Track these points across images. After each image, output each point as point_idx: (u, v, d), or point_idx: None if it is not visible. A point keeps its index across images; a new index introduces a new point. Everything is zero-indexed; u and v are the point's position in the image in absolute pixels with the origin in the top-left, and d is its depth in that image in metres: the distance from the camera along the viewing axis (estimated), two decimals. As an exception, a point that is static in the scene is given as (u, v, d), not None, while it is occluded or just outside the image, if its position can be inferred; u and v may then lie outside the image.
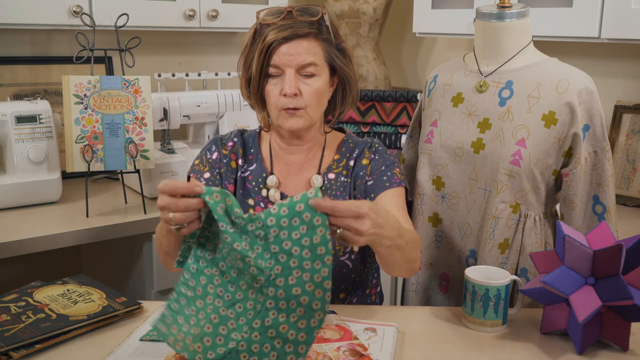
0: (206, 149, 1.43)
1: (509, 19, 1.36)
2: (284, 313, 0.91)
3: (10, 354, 1.09)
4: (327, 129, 1.41)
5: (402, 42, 2.92)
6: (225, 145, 1.42)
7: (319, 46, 1.29)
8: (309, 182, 1.38)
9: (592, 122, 1.33)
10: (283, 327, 0.91)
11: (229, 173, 1.40)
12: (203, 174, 1.39)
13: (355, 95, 1.39)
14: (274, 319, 0.91)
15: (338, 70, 1.33)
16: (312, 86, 1.28)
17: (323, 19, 1.30)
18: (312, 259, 0.90)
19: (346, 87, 1.37)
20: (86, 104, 1.78)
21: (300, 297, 0.90)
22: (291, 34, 1.26)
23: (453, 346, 1.17)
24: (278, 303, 0.91)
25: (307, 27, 1.27)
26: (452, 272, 1.47)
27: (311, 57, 1.27)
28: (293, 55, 1.26)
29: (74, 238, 1.72)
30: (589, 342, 1.15)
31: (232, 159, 1.41)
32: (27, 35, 2.21)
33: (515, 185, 1.34)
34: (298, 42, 1.26)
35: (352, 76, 1.36)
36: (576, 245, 1.12)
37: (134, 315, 1.26)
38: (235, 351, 0.91)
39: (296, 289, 0.90)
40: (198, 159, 1.43)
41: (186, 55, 2.57)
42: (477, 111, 1.39)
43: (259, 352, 0.91)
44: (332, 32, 1.31)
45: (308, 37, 1.27)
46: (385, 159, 1.39)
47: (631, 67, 2.10)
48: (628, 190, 2.02)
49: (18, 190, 1.85)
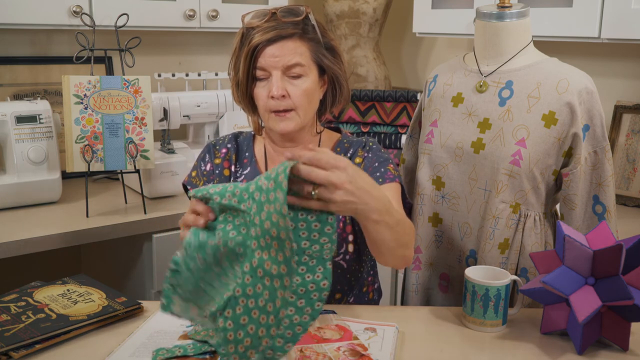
0: (200, 158, 1.45)
1: (509, 19, 1.36)
2: (265, 250, 0.96)
3: (10, 354, 1.09)
4: (320, 129, 1.40)
5: (402, 42, 2.92)
6: (218, 152, 1.43)
7: (305, 46, 1.28)
8: None
9: (592, 122, 1.33)
10: (267, 264, 0.96)
11: (221, 183, 1.40)
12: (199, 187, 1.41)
13: (347, 94, 1.38)
14: (259, 258, 0.96)
15: (326, 69, 1.32)
16: (300, 87, 1.27)
17: (308, 18, 1.29)
18: (274, 189, 0.94)
19: (336, 86, 1.36)
20: (86, 104, 1.78)
21: (271, 230, 0.94)
22: (275, 35, 1.25)
23: (453, 346, 1.17)
24: (259, 241, 0.96)
25: (292, 27, 1.26)
26: (452, 272, 1.47)
27: (297, 58, 1.26)
28: (278, 57, 1.25)
29: (74, 238, 1.72)
30: (589, 342, 1.15)
31: (225, 167, 1.42)
32: (27, 35, 2.21)
33: (515, 185, 1.34)
34: (283, 43, 1.25)
35: (341, 75, 1.34)
36: (576, 245, 1.12)
37: (134, 315, 1.26)
38: (233, 298, 0.97)
39: (267, 223, 0.95)
40: (195, 169, 1.45)
41: (186, 55, 2.57)
42: (477, 111, 1.39)
43: (254, 293, 0.96)
44: (319, 30, 1.30)
45: (293, 37, 1.26)
46: (378, 157, 1.37)
47: (631, 67, 2.10)
48: (628, 190, 2.02)
49: (18, 190, 1.85)
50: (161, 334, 1.17)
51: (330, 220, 0.99)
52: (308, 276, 0.99)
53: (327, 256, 0.98)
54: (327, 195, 0.98)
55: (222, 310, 0.98)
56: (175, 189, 2.01)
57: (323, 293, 0.99)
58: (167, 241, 1.86)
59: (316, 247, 0.99)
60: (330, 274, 0.99)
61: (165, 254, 1.86)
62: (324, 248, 0.99)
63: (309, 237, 0.99)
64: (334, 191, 0.98)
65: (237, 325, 0.97)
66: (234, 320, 0.97)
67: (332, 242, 0.99)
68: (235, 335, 0.97)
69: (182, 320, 1.23)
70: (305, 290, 0.99)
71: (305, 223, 1.00)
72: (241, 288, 0.97)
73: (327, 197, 0.98)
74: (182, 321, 1.22)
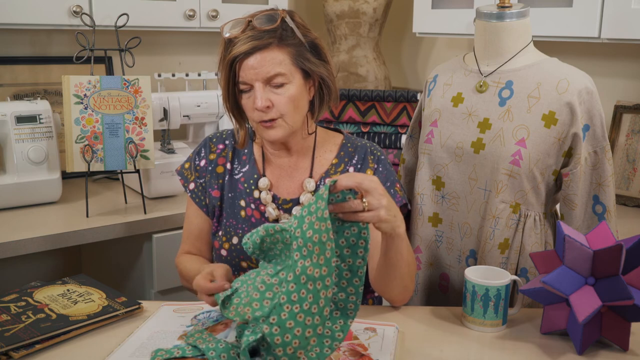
0: (196, 152, 1.45)
1: (509, 19, 1.36)
2: (308, 258, 1.01)
3: (10, 354, 1.09)
4: (312, 129, 1.39)
5: (402, 42, 2.92)
6: (214, 147, 1.43)
7: (285, 53, 1.25)
8: (302, 186, 1.38)
9: (592, 122, 1.33)
10: (309, 270, 1.01)
11: (212, 180, 1.41)
12: (189, 184, 1.44)
13: (335, 93, 1.36)
14: (301, 266, 1.01)
15: (311, 73, 1.29)
16: (284, 95, 1.26)
17: (285, 23, 1.26)
18: (315, 201, 1.03)
19: (323, 87, 1.34)
20: (86, 104, 1.78)
21: (313, 237, 1.01)
22: (251, 47, 1.23)
23: (453, 346, 1.17)
24: (301, 251, 1.02)
25: (268, 36, 1.24)
26: (452, 272, 1.47)
27: (276, 68, 1.24)
28: (257, 69, 1.24)
29: (74, 238, 1.72)
30: (589, 342, 1.15)
31: (219, 163, 1.42)
32: (27, 35, 2.21)
33: (515, 185, 1.34)
34: (260, 54, 1.23)
35: (327, 75, 1.32)
36: (576, 245, 1.12)
37: (134, 315, 1.26)
38: (278, 304, 1.02)
39: (309, 232, 1.01)
40: (189, 161, 1.46)
41: (186, 55, 2.57)
42: (477, 111, 1.39)
43: (298, 299, 1.01)
44: (299, 32, 1.27)
45: (270, 47, 1.24)
46: (388, 174, 1.39)
47: (631, 67, 2.10)
48: (628, 190, 2.02)
49: (18, 190, 1.85)
50: (161, 334, 1.17)
51: (364, 234, 1.08)
52: (341, 295, 1.09)
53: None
54: (376, 204, 1.06)
55: (266, 317, 1.02)
56: (175, 189, 2.01)
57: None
58: (167, 241, 1.86)
59: (350, 261, 1.08)
60: (360, 295, 1.09)
61: (165, 254, 1.86)
62: (357, 255, 1.08)
63: (348, 245, 1.08)
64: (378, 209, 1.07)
65: (284, 330, 1.01)
66: (280, 325, 1.01)
67: (366, 250, 1.08)
68: (283, 339, 1.01)
69: (181, 320, 1.23)
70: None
71: (348, 232, 1.08)
72: (286, 295, 1.02)
73: (376, 206, 1.06)
74: (182, 321, 1.22)
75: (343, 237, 1.08)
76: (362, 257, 1.08)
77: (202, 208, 1.43)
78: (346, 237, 1.08)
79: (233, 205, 1.39)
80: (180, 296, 1.89)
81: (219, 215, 1.42)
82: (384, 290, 1.29)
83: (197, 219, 1.44)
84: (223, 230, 1.41)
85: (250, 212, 1.38)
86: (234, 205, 1.39)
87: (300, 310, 1.01)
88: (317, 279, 1.01)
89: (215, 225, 1.43)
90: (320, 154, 1.40)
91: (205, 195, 1.43)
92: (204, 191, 1.43)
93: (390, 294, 1.29)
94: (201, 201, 1.43)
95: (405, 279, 1.25)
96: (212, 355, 1.06)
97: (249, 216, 1.38)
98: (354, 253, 1.08)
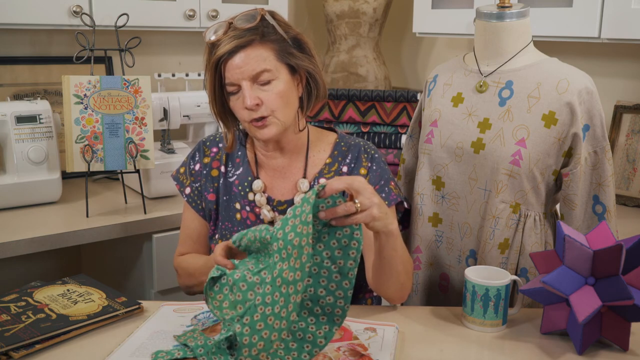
0: (190, 156, 1.45)
1: (509, 19, 1.36)
2: (286, 261, 1.01)
3: (10, 354, 1.09)
4: (303, 126, 1.38)
5: (402, 42, 2.92)
6: (208, 150, 1.43)
7: (268, 50, 1.26)
8: (295, 187, 1.38)
9: (592, 122, 1.33)
10: (285, 273, 1.01)
11: (208, 183, 1.42)
12: (185, 189, 1.44)
13: (323, 88, 1.35)
14: (279, 269, 1.02)
15: (296, 67, 1.30)
16: (272, 92, 1.26)
17: (265, 20, 1.27)
18: (301, 205, 1.04)
19: (311, 82, 1.33)
20: (86, 104, 1.78)
21: (293, 240, 1.01)
22: (234, 46, 1.23)
23: (453, 346, 1.17)
24: (281, 253, 1.02)
25: (250, 34, 1.24)
26: (452, 272, 1.47)
27: (261, 65, 1.24)
28: (242, 67, 1.24)
29: (74, 238, 1.72)
30: (589, 342, 1.15)
31: (214, 167, 1.42)
32: (27, 35, 2.21)
33: (515, 185, 1.34)
34: (244, 52, 1.24)
35: (313, 69, 1.32)
36: (576, 245, 1.12)
37: (134, 315, 1.26)
38: (253, 305, 1.03)
39: (291, 234, 1.01)
40: (184, 166, 1.46)
41: (186, 55, 2.57)
42: (477, 111, 1.39)
43: (271, 301, 1.02)
44: (280, 29, 1.28)
45: (252, 44, 1.24)
46: (382, 172, 1.38)
47: (631, 67, 2.10)
48: (628, 190, 2.02)
49: (18, 190, 1.85)
50: (161, 334, 1.17)
51: (357, 235, 1.07)
52: (329, 298, 1.08)
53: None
54: (368, 203, 1.06)
55: (240, 317, 1.04)
56: (175, 189, 2.01)
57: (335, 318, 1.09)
58: (167, 241, 1.86)
59: (341, 262, 1.08)
60: (348, 300, 1.08)
61: (165, 254, 1.86)
62: (349, 257, 1.07)
63: (340, 246, 1.08)
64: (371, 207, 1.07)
65: (253, 331, 1.02)
66: (250, 326, 1.02)
67: (358, 252, 1.07)
68: (250, 340, 1.02)
69: (181, 320, 1.23)
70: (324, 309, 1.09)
71: (340, 233, 1.08)
72: (261, 297, 1.03)
73: (368, 205, 1.07)
74: (182, 321, 1.22)
75: (335, 239, 1.07)
76: (354, 258, 1.07)
77: (199, 212, 1.43)
78: (338, 238, 1.07)
79: (228, 208, 1.39)
80: (181, 296, 1.89)
81: (215, 218, 1.42)
82: (381, 289, 1.29)
83: (194, 222, 1.45)
84: (219, 233, 1.41)
85: (246, 214, 1.38)
86: (229, 208, 1.39)
87: (271, 313, 1.01)
88: (291, 283, 1.01)
89: (212, 229, 1.43)
90: (314, 153, 1.40)
91: (201, 199, 1.43)
92: (200, 195, 1.43)
93: (387, 292, 1.29)
94: (197, 205, 1.43)
95: (401, 276, 1.25)
96: (200, 353, 1.07)
97: (245, 219, 1.38)
98: (346, 254, 1.07)
